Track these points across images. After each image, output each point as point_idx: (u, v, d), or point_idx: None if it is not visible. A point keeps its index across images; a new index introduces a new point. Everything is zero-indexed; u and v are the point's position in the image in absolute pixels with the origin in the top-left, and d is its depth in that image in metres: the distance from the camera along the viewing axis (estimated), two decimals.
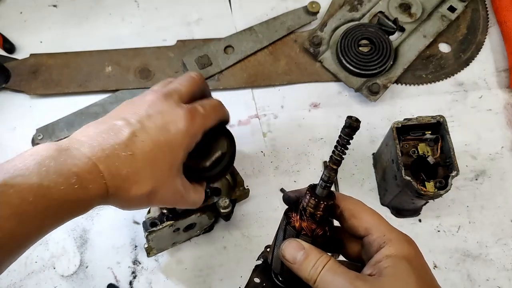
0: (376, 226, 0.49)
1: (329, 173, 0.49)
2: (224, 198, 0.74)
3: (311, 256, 0.47)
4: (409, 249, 0.47)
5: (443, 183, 0.70)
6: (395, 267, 0.46)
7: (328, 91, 0.94)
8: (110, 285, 0.79)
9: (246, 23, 0.99)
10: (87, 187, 0.49)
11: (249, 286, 0.53)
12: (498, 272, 0.80)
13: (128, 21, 1.00)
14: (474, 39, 0.97)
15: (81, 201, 0.50)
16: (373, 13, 0.97)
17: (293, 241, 0.49)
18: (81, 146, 0.52)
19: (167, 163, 0.56)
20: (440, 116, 0.71)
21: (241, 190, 0.79)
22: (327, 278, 0.46)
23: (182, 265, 0.81)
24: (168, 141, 0.56)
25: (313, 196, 0.48)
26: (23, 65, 0.92)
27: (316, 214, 0.48)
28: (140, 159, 0.53)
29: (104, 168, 0.50)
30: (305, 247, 0.48)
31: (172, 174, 0.57)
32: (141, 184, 0.53)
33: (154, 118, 0.57)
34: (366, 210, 0.51)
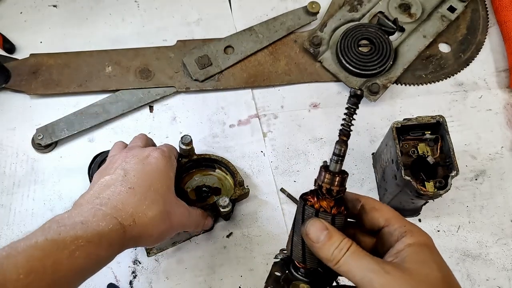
0: (396, 218, 0.51)
1: (340, 146, 0.49)
2: (224, 197, 0.74)
3: (335, 237, 0.48)
4: (428, 239, 0.50)
5: (443, 183, 0.70)
6: (418, 254, 0.47)
7: (328, 91, 0.94)
8: (110, 285, 0.79)
9: (246, 23, 0.99)
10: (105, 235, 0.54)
11: (270, 279, 0.53)
12: (498, 272, 0.80)
13: (128, 21, 1.00)
14: (474, 39, 0.97)
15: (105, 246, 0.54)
16: (373, 13, 0.97)
17: (317, 221, 0.49)
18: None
19: (164, 185, 0.64)
20: (440, 116, 0.71)
21: (241, 190, 0.79)
22: (351, 261, 0.46)
23: (182, 265, 0.81)
24: (153, 168, 0.64)
25: (327, 171, 0.49)
26: (23, 65, 0.93)
27: (333, 189, 0.49)
28: (139, 189, 0.60)
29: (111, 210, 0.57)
30: (329, 228, 0.49)
31: (173, 194, 0.66)
32: (152, 207, 0.60)
33: (131, 160, 0.65)
34: (385, 205, 0.53)
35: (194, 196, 0.81)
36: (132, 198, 0.59)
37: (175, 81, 0.93)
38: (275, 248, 0.81)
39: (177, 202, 0.66)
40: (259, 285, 0.79)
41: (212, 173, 0.84)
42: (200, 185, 0.82)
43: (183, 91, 0.93)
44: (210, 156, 0.81)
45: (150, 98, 0.92)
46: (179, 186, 0.80)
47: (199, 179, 0.83)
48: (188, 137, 0.76)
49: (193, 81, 0.93)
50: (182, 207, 0.67)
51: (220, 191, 0.82)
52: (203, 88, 0.93)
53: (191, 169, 0.83)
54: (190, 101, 0.93)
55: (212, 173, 0.84)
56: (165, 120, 0.91)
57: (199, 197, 0.81)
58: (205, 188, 0.82)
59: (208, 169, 0.84)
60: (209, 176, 0.84)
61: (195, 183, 0.83)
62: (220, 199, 0.74)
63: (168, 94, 0.92)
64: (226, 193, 0.81)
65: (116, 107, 0.90)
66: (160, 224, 0.61)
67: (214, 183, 0.83)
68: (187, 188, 0.82)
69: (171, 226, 0.63)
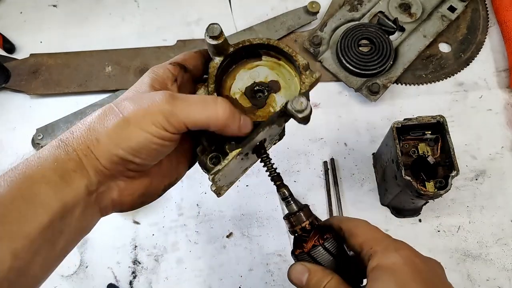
0: (368, 240, 0.48)
1: (281, 190, 0.53)
2: (296, 97, 0.50)
3: (315, 277, 0.48)
4: (395, 258, 0.45)
5: (443, 183, 0.70)
6: (377, 282, 0.44)
7: (328, 91, 0.94)
8: (110, 285, 0.79)
9: (246, 23, 0.99)
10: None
11: None
12: (498, 272, 0.80)
13: (128, 21, 1.00)
14: (474, 39, 0.97)
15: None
16: (373, 13, 0.97)
17: (296, 265, 0.50)
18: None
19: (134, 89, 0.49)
20: (440, 116, 0.71)
21: (311, 76, 0.55)
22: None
23: (182, 265, 0.81)
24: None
25: (289, 216, 0.52)
26: (23, 65, 0.93)
27: (305, 227, 0.51)
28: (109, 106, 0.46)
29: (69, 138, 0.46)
30: (309, 268, 0.49)
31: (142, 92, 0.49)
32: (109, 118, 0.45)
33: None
34: (363, 226, 0.51)
35: (248, 103, 0.56)
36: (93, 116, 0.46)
37: None
38: (275, 248, 0.81)
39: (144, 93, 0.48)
40: (259, 285, 0.79)
41: (259, 63, 0.58)
42: (250, 85, 0.57)
43: None
44: (252, 42, 0.55)
45: None
46: (224, 95, 0.56)
47: (246, 77, 0.58)
48: (216, 27, 0.52)
49: None
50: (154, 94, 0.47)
51: (279, 85, 0.57)
52: None
53: (230, 66, 0.58)
54: None
55: (259, 63, 0.58)
56: None
57: (255, 102, 0.56)
58: (258, 87, 0.57)
59: (251, 60, 0.58)
60: (256, 68, 0.58)
61: (242, 83, 0.57)
62: (293, 101, 0.50)
63: None
64: (288, 86, 0.57)
65: None
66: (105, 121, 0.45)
67: (267, 75, 0.58)
68: (233, 94, 0.57)
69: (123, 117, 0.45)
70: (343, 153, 0.88)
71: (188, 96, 0.47)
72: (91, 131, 0.45)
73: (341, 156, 0.88)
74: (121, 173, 0.46)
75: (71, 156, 0.44)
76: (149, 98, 0.46)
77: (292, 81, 0.56)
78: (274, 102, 0.55)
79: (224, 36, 0.52)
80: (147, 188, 0.50)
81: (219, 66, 0.54)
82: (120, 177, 0.47)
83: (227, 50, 0.54)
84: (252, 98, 0.56)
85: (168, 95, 0.46)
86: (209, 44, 0.53)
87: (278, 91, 0.56)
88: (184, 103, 0.46)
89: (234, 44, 0.54)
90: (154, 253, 0.81)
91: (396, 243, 0.48)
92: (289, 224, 0.53)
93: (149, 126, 0.44)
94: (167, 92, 0.46)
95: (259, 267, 0.80)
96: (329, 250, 0.50)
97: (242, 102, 0.56)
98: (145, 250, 0.81)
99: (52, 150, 0.45)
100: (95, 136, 0.45)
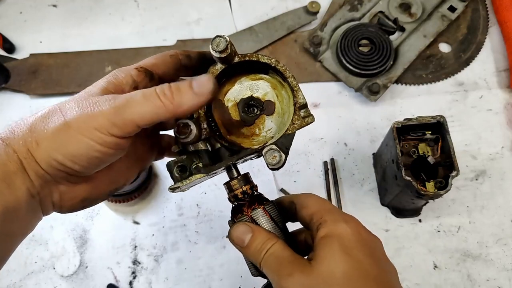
0: (318, 211, 0.49)
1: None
2: (273, 150, 0.48)
3: (259, 238, 0.47)
4: (344, 228, 0.46)
5: (443, 183, 0.70)
6: (325, 248, 0.45)
7: (328, 91, 0.93)
8: (110, 285, 0.79)
9: (246, 23, 0.99)
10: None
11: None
12: (498, 272, 0.79)
13: (128, 21, 1.00)
14: (474, 39, 0.97)
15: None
16: (373, 13, 0.97)
17: (240, 225, 0.49)
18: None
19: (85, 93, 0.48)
20: (440, 116, 0.71)
21: (302, 120, 0.51)
22: (268, 263, 0.46)
23: (182, 265, 0.80)
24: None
25: (229, 181, 0.52)
26: (23, 65, 0.92)
27: (246, 190, 0.51)
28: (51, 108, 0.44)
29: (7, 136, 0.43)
30: (253, 228, 0.48)
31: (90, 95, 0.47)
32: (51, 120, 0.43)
33: None
34: (314, 198, 0.51)
35: (237, 115, 0.54)
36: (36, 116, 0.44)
37: None
38: None
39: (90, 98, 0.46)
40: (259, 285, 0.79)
41: (264, 77, 0.54)
42: (246, 97, 0.54)
43: None
44: (259, 59, 0.52)
45: None
46: (217, 98, 0.54)
47: (245, 87, 0.55)
48: (221, 41, 0.48)
49: None
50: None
51: (274, 108, 0.53)
52: None
53: (233, 71, 0.54)
54: None
55: (263, 76, 0.54)
56: None
57: (245, 117, 0.54)
58: (252, 102, 0.54)
59: (257, 71, 0.55)
60: (259, 81, 0.54)
61: (239, 93, 0.54)
62: (267, 152, 0.48)
63: None
64: (283, 113, 0.53)
65: None
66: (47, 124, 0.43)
67: (267, 93, 0.54)
68: (227, 101, 0.54)
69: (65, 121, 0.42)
70: (343, 153, 0.88)
71: (130, 94, 0.44)
72: (32, 133, 0.43)
73: (341, 156, 0.88)
74: (62, 178, 0.44)
75: (12, 158, 0.42)
76: (93, 101, 0.43)
77: (288, 109, 0.53)
78: (262, 124, 0.53)
79: (229, 49, 0.49)
80: (90, 193, 0.48)
81: (218, 72, 0.52)
82: (62, 182, 0.45)
83: (233, 59, 0.51)
84: (243, 112, 0.54)
85: (111, 97, 0.43)
86: (215, 57, 0.50)
87: (271, 114, 0.53)
88: (127, 102, 0.42)
89: (241, 54, 0.51)
90: (154, 253, 0.81)
91: (345, 215, 0.48)
92: (228, 189, 0.51)
93: (91, 131, 0.42)
94: (110, 95, 0.44)
95: None
96: (270, 214, 0.50)
97: (232, 113, 0.54)
98: (145, 250, 0.81)
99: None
100: (35, 139, 0.42)
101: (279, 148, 0.48)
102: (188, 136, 0.47)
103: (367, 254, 0.45)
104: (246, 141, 0.53)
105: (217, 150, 0.52)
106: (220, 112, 0.53)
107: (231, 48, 0.49)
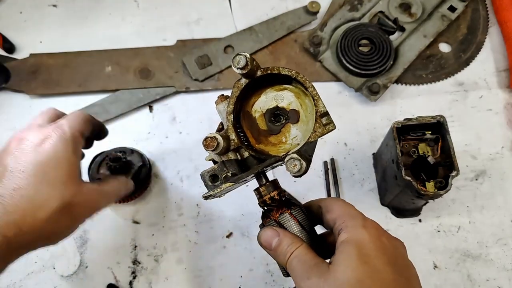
0: (341, 215, 0.50)
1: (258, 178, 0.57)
2: (293, 159, 0.49)
3: (284, 242, 0.50)
4: (362, 233, 0.47)
5: (443, 183, 0.70)
6: (343, 253, 0.46)
7: (328, 91, 0.93)
8: (110, 285, 0.79)
9: (246, 23, 0.99)
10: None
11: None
12: (498, 272, 0.79)
13: (128, 21, 1.00)
14: (474, 39, 0.97)
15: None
16: (373, 13, 0.97)
17: (267, 229, 0.52)
18: None
19: (62, 173, 0.55)
20: (440, 116, 0.71)
21: (323, 127, 0.53)
22: (292, 265, 0.49)
23: (182, 265, 0.80)
24: (49, 155, 0.55)
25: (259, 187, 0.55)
26: (23, 65, 0.92)
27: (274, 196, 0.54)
28: (27, 187, 0.52)
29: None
30: (279, 232, 0.51)
31: (75, 180, 0.57)
32: (44, 206, 0.53)
33: (23, 149, 0.56)
34: (339, 203, 0.53)
35: (264, 125, 0.57)
36: (18, 200, 0.51)
37: (175, 81, 0.93)
38: None
39: (81, 188, 0.57)
40: (259, 285, 0.79)
41: (288, 87, 0.58)
42: (271, 107, 0.57)
43: (183, 91, 0.93)
44: (280, 71, 0.55)
45: (150, 98, 0.92)
46: (245, 110, 0.58)
47: (270, 97, 0.58)
48: (241, 59, 0.52)
49: (193, 81, 0.93)
50: (89, 190, 0.59)
51: (298, 116, 0.56)
52: (203, 88, 0.93)
53: (258, 84, 0.57)
54: (190, 101, 0.93)
55: (287, 86, 0.58)
56: (164, 120, 0.91)
57: (271, 126, 0.57)
58: (278, 112, 0.57)
59: (280, 84, 0.58)
60: (283, 92, 0.58)
61: (265, 103, 0.58)
62: (288, 160, 0.49)
63: (168, 94, 0.92)
64: (307, 121, 0.56)
65: (116, 107, 0.90)
66: (59, 222, 0.54)
67: (291, 102, 0.57)
68: (254, 112, 0.58)
69: (74, 218, 0.56)
70: (343, 153, 0.88)
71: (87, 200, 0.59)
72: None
73: (341, 156, 0.88)
74: None
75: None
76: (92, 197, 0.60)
77: (312, 116, 0.55)
78: (288, 132, 0.56)
79: (250, 65, 0.51)
80: None
81: (243, 86, 0.55)
82: None
83: (255, 73, 0.54)
84: (270, 121, 0.57)
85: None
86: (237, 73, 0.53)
87: (296, 122, 0.56)
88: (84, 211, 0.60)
89: (263, 68, 0.54)
90: (154, 253, 0.81)
91: (366, 221, 0.49)
92: (258, 195, 0.55)
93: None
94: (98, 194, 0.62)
95: (259, 267, 0.80)
96: (297, 218, 0.52)
97: (260, 123, 0.57)
98: (145, 250, 0.81)
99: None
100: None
101: (302, 155, 0.50)
102: (216, 149, 0.52)
103: (386, 262, 0.45)
104: (274, 149, 0.56)
105: (245, 159, 0.56)
106: (248, 123, 0.56)
107: (252, 64, 0.52)
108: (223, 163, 0.55)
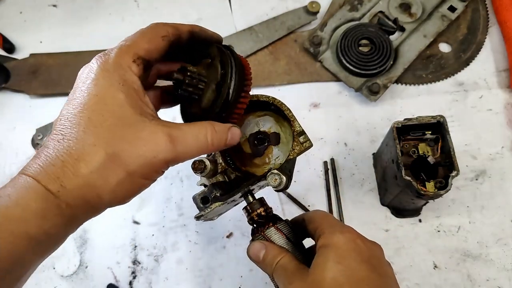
0: (320, 224, 0.53)
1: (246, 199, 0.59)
2: (274, 174, 0.54)
3: (270, 254, 0.53)
4: (338, 237, 0.49)
5: (443, 183, 0.70)
6: (321, 256, 0.49)
7: (328, 91, 0.93)
8: (110, 285, 0.79)
9: (246, 23, 0.99)
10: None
11: None
12: (498, 272, 0.79)
13: (128, 21, 1.00)
14: (474, 39, 0.97)
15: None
16: (373, 13, 0.97)
17: (255, 243, 0.55)
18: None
19: (107, 114, 0.44)
20: (440, 116, 0.71)
21: (300, 145, 0.57)
22: (277, 273, 0.52)
23: (182, 265, 0.80)
24: (89, 93, 0.46)
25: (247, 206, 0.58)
26: (23, 65, 0.93)
27: (260, 213, 0.57)
28: (68, 137, 0.43)
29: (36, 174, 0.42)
30: (266, 245, 0.54)
31: (127, 120, 0.44)
32: (86, 158, 0.42)
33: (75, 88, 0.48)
34: (319, 214, 0.56)
35: (248, 149, 0.62)
36: (58, 152, 0.42)
37: None
38: None
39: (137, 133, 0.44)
40: (259, 285, 0.79)
41: (268, 113, 0.62)
42: (254, 132, 0.62)
43: None
44: (259, 98, 0.59)
45: None
46: None
47: (252, 123, 0.62)
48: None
49: None
50: (153, 129, 0.45)
51: (279, 138, 0.61)
52: None
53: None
54: None
55: (267, 112, 0.62)
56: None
57: (255, 150, 0.61)
58: (260, 136, 0.61)
59: (260, 110, 0.62)
60: (264, 117, 0.62)
61: (248, 129, 0.62)
62: (269, 176, 0.54)
63: None
64: (287, 142, 0.60)
65: None
66: (108, 176, 0.43)
67: (271, 126, 0.62)
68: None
69: (128, 172, 0.43)
70: (343, 153, 0.88)
71: (185, 137, 0.47)
72: (91, 188, 0.42)
73: (341, 156, 0.88)
74: None
75: (64, 212, 0.42)
76: (149, 144, 0.44)
77: (291, 138, 0.60)
78: (271, 153, 0.61)
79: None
80: None
81: None
82: None
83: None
84: (253, 145, 0.61)
85: (169, 140, 0.45)
86: None
87: (277, 144, 0.61)
88: (184, 147, 0.46)
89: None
90: (154, 253, 0.81)
91: (343, 227, 0.52)
92: (246, 213, 0.58)
93: (154, 175, 0.47)
94: (167, 136, 0.45)
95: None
96: (282, 231, 0.55)
97: (244, 147, 0.61)
98: (145, 250, 0.81)
99: (39, 204, 0.41)
100: (96, 193, 0.43)
101: (282, 171, 0.54)
102: (203, 171, 0.55)
103: (359, 261, 0.48)
104: (259, 170, 0.60)
105: (233, 180, 0.60)
106: (234, 147, 0.58)
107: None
108: (212, 186, 0.59)
